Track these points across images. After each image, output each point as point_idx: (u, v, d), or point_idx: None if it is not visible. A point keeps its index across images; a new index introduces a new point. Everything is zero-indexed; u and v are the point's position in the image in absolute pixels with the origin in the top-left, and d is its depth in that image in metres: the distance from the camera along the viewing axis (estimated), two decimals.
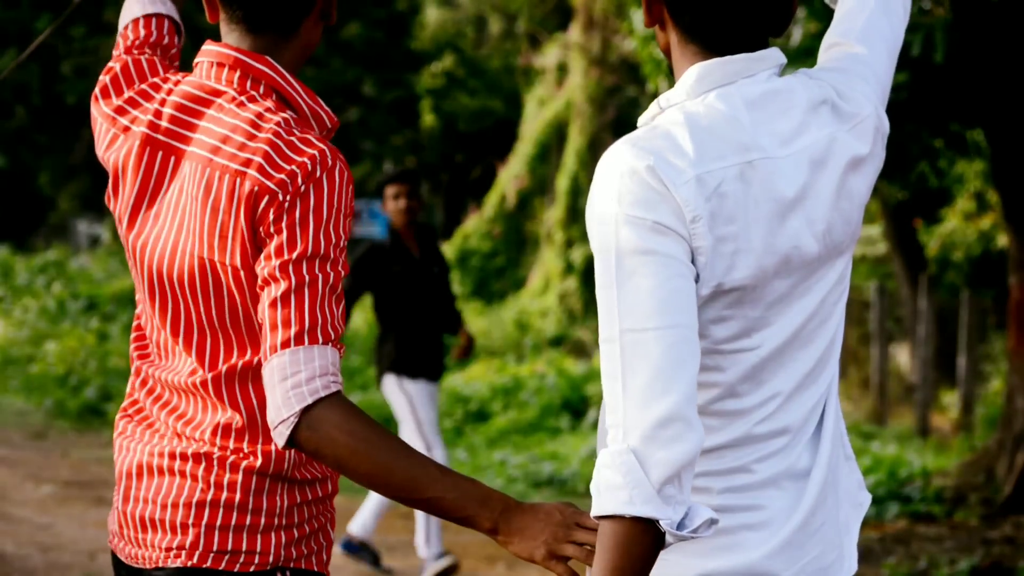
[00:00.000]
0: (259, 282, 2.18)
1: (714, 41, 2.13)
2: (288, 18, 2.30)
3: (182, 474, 2.27)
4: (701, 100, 2.10)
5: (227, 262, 2.21)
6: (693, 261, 2.02)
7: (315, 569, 2.32)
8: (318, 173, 2.18)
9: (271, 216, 2.17)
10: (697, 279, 2.02)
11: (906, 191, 12.63)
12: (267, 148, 2.19)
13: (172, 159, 2.28)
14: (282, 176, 2.17)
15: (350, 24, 25.17)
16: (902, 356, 15.69)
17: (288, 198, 2.16)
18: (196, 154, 2.25)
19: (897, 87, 7.90)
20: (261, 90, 2.28)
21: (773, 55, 2.15)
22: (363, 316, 16.43)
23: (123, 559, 2.35)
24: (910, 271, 14.57)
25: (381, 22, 26.30)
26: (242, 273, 2.20)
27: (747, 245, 2.05)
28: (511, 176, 20.23)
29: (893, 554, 7.94)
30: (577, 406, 13.16)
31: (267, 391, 2.15)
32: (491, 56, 30.45)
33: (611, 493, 1.94)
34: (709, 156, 2.04)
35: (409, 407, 7.40)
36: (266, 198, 2.17)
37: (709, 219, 2.01)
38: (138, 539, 2.31)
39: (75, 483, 9.82)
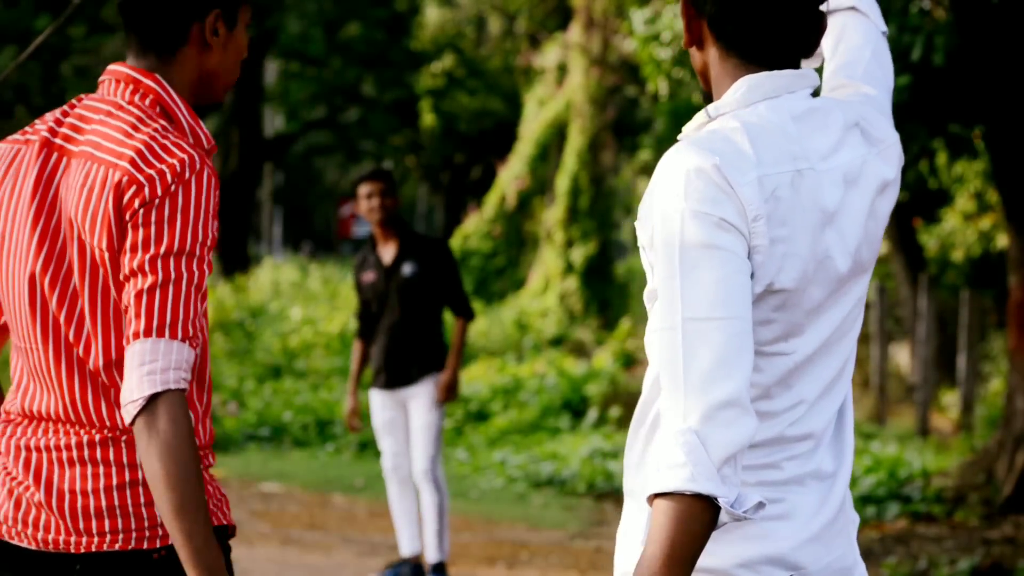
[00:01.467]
0: (124, 272, 2.35)
1: (754, 53, 2.23)
2: (164, 44, 2.52)
3: (93, 461, 2.43)
4: (752, 110, 2.21)
5: (95, 244, 2.38)
6: (749, 258, 2.11)
7: (224, 522, 2.51)
8: (187, 175, 2.36)
9: (136, 207, 2.34)
10: (752, 276, 2.12)
11: (906, 191, 12.62)
12: (141, 146, 2.39)
13: (64, 160, 2.46)
14: (151, 172, 2.35)
15: (350, 24, 25.17)
16: (902, 356, 15.69)
17: (158, 195, 2.34)
18: (82, 152, 2.44)
19: (898, 88, 7.91)
20: (147, 103, 2.48)
21: (812, 75, 2.27)
22: None
23: (27, 545, 2.45)
24: (910, 271, 14.57)
25: (381, 22, 26.30)
26: (106, 256, 2.37)
27: (795, 249, 2.15)
28: (511, 176, 20.23)
29: (893, 554, 7.95)
30: (577, 406, 13.16)
31: (125, 371, 2.33)
32: (491, 56, 30.47)
33: (673, 471, 2.02)
34: (767, 160, 2.14)
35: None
36: (132, 188, 2.35)
37: (767, 220, 2.11)
38: (59, 525, 2.43)
39: None
